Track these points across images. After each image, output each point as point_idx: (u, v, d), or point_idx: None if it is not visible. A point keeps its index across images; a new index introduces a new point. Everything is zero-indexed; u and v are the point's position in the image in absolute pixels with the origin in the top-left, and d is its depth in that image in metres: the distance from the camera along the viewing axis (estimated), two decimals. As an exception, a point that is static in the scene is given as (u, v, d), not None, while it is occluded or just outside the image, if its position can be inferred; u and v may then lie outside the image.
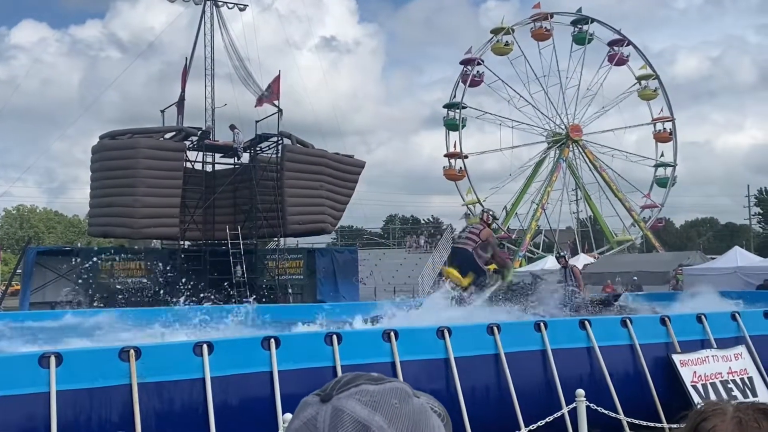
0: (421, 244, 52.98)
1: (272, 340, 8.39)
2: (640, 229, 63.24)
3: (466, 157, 60.77)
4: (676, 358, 10.32)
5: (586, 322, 10.31)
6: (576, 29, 64.27)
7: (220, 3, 36.84)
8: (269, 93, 32.59)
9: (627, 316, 11.13)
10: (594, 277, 36.94)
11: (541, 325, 9.98)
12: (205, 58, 36.33)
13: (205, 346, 8.05)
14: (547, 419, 8.91)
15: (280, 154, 32.66)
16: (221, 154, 34.33)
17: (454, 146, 60.59)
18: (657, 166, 64.53)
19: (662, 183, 64.13)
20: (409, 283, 43.64)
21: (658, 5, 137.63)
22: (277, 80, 32.68)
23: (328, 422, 1.03)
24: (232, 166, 34.63)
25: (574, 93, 63.22)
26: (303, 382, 8.08)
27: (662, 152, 64.63)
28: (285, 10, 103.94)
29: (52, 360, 7.36)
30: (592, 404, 8.74)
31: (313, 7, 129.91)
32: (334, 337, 8.69)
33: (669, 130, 64.31)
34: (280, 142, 32.67)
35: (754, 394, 10.27)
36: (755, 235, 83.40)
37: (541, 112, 62.83)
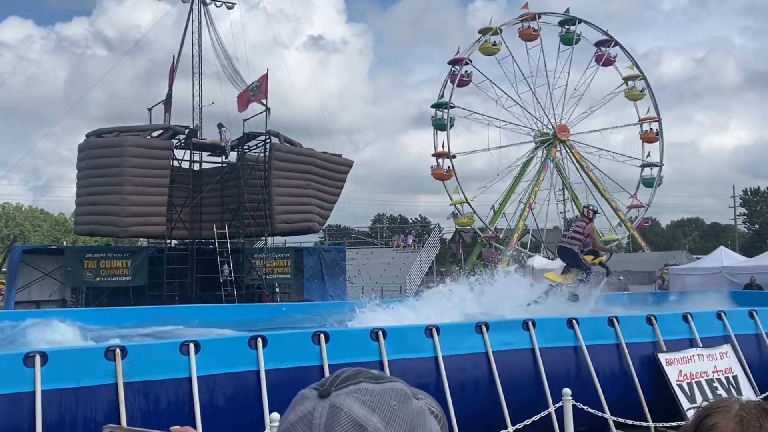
0: (408, 243, 53.05)
1: (259, 339, 8.37)
2: (627, 229, 63.52)
3: (454, 157, 60.82)
4: (662, 357, 10.37)
5: (574, 321, 10.35)
6: (563, 30, 64.44)
7: (207, 1, 36.71)
8: (256, 91, 32.46)
9: (614, 315, 11.17)
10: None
11: (529, 323, 10.01)
12: (193, 57, 36.21)
13: (192, 345, 8.01)
14: (534, 418, 8.93)
15: (267, 153, 32.56)
16: (208, 153, 34.19)
17: (442, 146, 60.63)
18: (643, 166, 64.84)
19: (648, 183, 64.43)
20: (397, 282, 43.70)
21: (644, 6, 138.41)
22: (264, 79, 32.56)
23: (324, 419, 1.02)
24: (220, 165, 34.49)
25: (562, 93, 63.46)
26: (290, 382, 8.07)
27: (649, 152, 64.97)
28: (273, 9, 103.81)
29: (37, 359, 7.30)
30: (578, 403, 8.77)
31: (301, 6, 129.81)
32: (322, 336, 8.68)
33: (655, 131, 64.63)
34: (268, 140, 32.57)
35: (739, 393, 10.33)
36: (740, 235, 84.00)
37: (529, 112, 63.02)
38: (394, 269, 46.66)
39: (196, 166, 34.23)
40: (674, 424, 9.66)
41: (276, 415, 7.02)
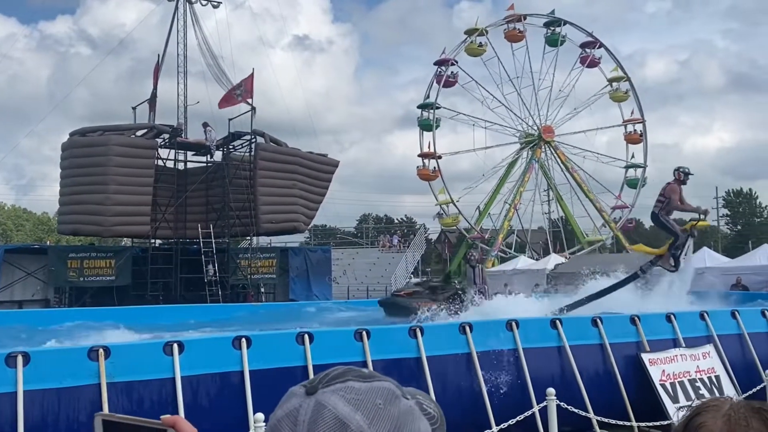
0: (394, 243, 53.09)
1: (243, 340, 8.34)
2: (611, 230, 63.81)
3: (440, 158, 60.86)
4: (646, 357, 10.44)
5: (558, 322, 10.40)
6: (549, 31, 64.66)
7: (193, 0, 36.55)
8: (242, 92, 32.37)
9: (598, 315, 11.23)
10: (565, 277, 37.24)
11: (513, 324, 10.03)
12: (178, 55, 36.03)
13: (176, 346, 7.98)
14: (518, 418, 8.96)
15: (253, 153, 32.49)
16: (193, 152, 34.05)
17: (428, 146, 60.66)
18: (627, 168, 65.16)
19: (633, 184, 64.76)
20: (383, 282, 43.69)
21: (628, 9, 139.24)
22: (250, 78, 32.47)
23: (308, 416, 1.03)
24: (205, 165, 34.37)
25: (547, 94, 63.64)
26: (274, 382, 8.05)
27: (633, 154, 65.28)
28: (258, 8, 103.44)
29: (19, 359, 7.25)
30: (562, 403, 8.81)
31: (286, 6, 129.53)
32: (306, 336, 8.67)
33: (639, 132, 64.97)
34: (253, 140, 32.50)
35: (721, 393, 10.41)
36: (723, 236, 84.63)
37: (514, 113, 63.15)
38: (380, 269, 46.67)
39: (181, 166, 34.11)
40: (657, 423, 9.73)
41: (260, 416, 7.01)
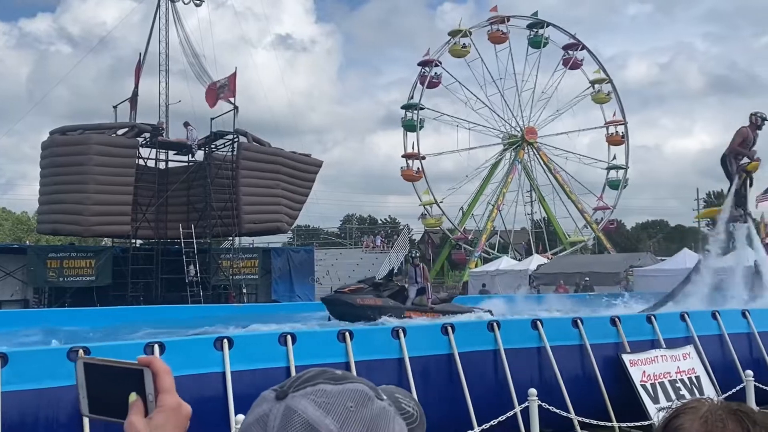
0: (377, 244, 53.07)
1: (225, 341, 8.30)
2: (593, 231, 64.21)
3: (424, 158, 60.99)
4: (626, 358, 10.49)
5: (538, 323, 10.43)
6: (532, 33, 64.99)
7: (175, -2, 36.30)
8: (225, 90, 32.22)
9: (578, 316, 11.28)
10: (547, 278, 37.44)
11: (494, 325, 10.06)
12: (160, 54, 35.79)
13: (157, 347, 7.92)
14: (500, 418, 8.98)
15: (235, 152, 32.36)
16: (175, 152, 33.86)
17: (412, 147, 60.81)
18: (609, 169, 65.62)
19: (614, 185, 65.23)
20: (365, 282, 43.55)
21: (610, 11, 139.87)
22: (233, 77, 32.33)
23: (278, 421, 1.02)
24: (186, 164, 34.18)
25: (530, 96, 64.00)
26: (256, 383, 8.01)
27: (614, 155, 65.78)
28: (241, 7, 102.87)
29: (-3, 361, 7.16)
30: (544, 403, 8.84)
31: (269, 5, 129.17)
32: (289, 337, 8.64)
33: (621, 134, 65.46)
34: (236, 139, 32.36)
35: (701, 393, 10.49)
36: (703, 237, 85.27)
37: (497, 115, 63.46)
38: (363, 270, 46.58)
39: (162, 165, 33.89)
40: (638, 424, 9.79)
41: (242, 417, 6.97)
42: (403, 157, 61.42)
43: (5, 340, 11.69)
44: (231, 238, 34.66)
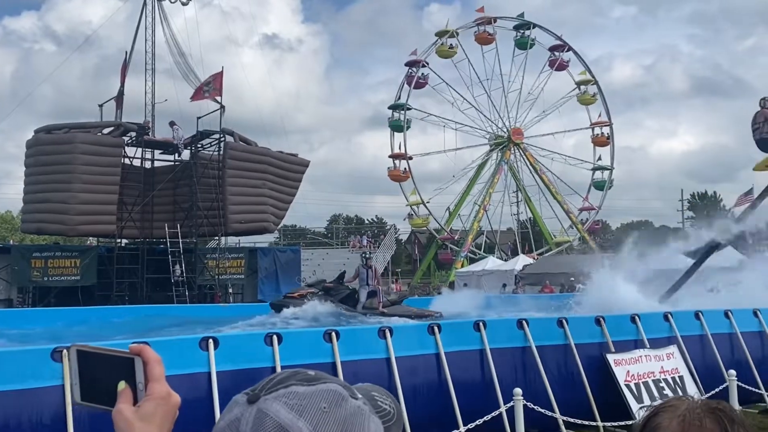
0: (364, 243, 53.07)
1: (210, 341, 8.27)
2: (578, 231, 64.51)
3: (411, 158, 61.04)
4: (611, 358, 10.56)
5: (524, 322, 10.47)
6: (518, 34, 65.22)
7: (161, -3, 36.12)
8: (211, 88, 32.10)
9: (563, 316, 11.33)
10: (533, 278, 37.55)
11: (480, 324, 10.09)
12: (146, 53, 35.59)
13: (142, 347, 7.88)
14: (486, 418, 9.02)
15: (221, 152, 32.26)
16: (161, 151, 33.70)
17: (399, 147, 60.84)
18: (594, 170, 65.95)
19: (599, 186, 65.56)
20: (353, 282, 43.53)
21: (595, 13, 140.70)
22: (219, 76, 32.22)
23: (250, 425, 1.00)
24: (172, 163, 34.04)
25: (516, 97, 64.19)
26: (242, 383, 7.98)
27: (600, 156, 66.15)
28: (228, 6, 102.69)
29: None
30: (529, 403, 8.89)
31: (256, 5, 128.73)
32: (275, 337, 8.62)
33: (606, 135, 65.79)
34: (222, 139, 32.25)
35: (685, 393, 10.57)
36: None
37: (484, 115, 63.59)
38: (350, 270, 46.50)
39: (148, 164, 33.73)
40: (622, 423, 9.85)
41: (227, 417, 6.95)
42: (390, 157, 61.46)
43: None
44: (217, 238, 34.55)
